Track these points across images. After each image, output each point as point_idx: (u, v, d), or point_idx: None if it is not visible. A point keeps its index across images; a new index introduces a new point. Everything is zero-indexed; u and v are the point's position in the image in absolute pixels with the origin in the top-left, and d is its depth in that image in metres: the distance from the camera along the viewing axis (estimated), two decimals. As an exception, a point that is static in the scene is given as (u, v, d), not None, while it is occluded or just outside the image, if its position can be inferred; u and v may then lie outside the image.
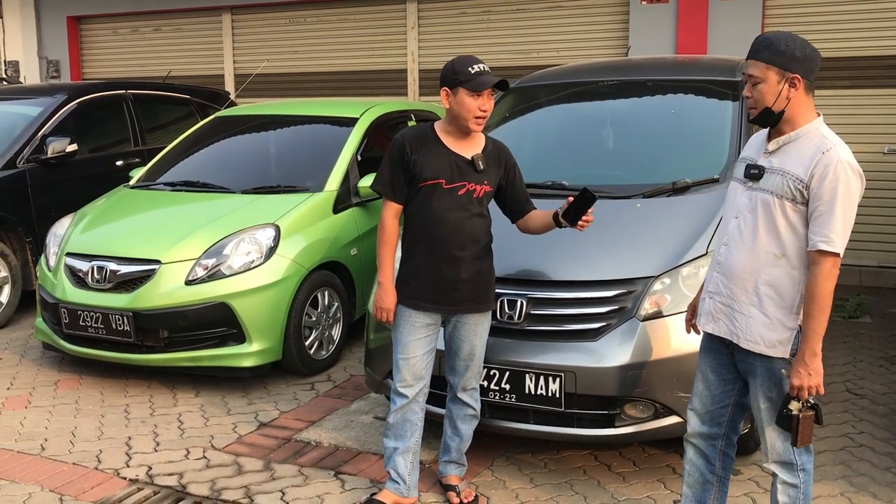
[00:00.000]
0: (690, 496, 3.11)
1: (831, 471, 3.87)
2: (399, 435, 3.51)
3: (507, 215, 3.64)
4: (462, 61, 3.34)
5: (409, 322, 3.42)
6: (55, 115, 7.01)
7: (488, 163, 3.43)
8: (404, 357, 3.43)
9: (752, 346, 2.78)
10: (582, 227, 3.36)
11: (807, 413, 2.63)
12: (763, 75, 2.71)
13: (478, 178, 3.41)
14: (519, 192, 3.58)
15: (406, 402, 3.45)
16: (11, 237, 6.58)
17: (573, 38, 8.93)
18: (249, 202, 5.42)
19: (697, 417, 3.03)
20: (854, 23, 7.64)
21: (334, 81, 10.23)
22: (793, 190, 2.67)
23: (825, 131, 2.72)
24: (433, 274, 3.37)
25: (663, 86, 5.09)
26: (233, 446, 4.26)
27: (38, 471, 4.01)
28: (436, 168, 3.36)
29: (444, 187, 3.36)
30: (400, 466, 3.52)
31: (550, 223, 3.46)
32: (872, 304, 6.74)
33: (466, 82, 3.29)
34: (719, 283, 2.87)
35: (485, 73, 3.31)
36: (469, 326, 3.47)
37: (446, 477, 3.69)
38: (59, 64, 11.97)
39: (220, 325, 4.87)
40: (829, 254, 2.61)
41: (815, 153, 2.65)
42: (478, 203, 3.42)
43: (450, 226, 3.35)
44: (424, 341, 3.43)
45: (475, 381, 3.57)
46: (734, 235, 2.83)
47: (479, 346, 3.51)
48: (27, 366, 5.55)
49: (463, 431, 3.62)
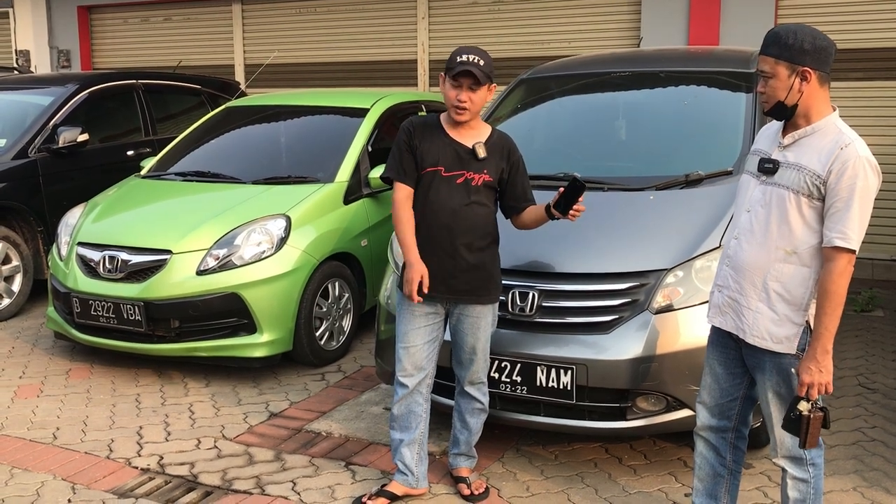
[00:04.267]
0: (701, 490, 3.10)
1: (843, 465, 3.86)
2: (404, 427, 3.51)
3: (503, 210, 3.56)
4: (458, 50, 3.34)
5: (408, 310, 3.42)
6: (66, 105, 7.02)
7: (490, 153, 3.41)
8: (404, 346, 3.44)
9: (758, 341, 2.76)
10: (574, 216, 3.32)
11: (816, 414, 2.61)
12: (773, 70, 2.68)
13: (478, 167, 3.39)
14: (518, 188, 3.51)
15: (407, 392, 3.46)
16: (23, 226, 6.60)
17: (585, 28, 8.89)
18: (260, 193, 5.42)
19: (707, 410, 3.02)
20: (868, 14, 7.57)
21: (344, 72, 10.21)
22: (809, 185, 2.64)
23: (842, 126, 2.69)
24: (431, 261, 3.35)
25: (676, 77, 5.06)
26: (244, 436, 4.27)
27: (50, 459, 4.03)
28: (436, 155, 3.37)
29: (443, 175, 3.37)
30: (406, 458, 3.53)
31: (543, 216, 3.43)
32: (885, 298, 6.70)
33: (449, 70, 3.31)
34: (728, 276, 2.85)
35: (467, 64, 3.27)
36: (471, 319, 3.45)
37: (457, 469, 3.70)
38: (69, 54, 12.00)
39: (230, 316, 4.88)
40: (844, 250, 2.58)
41: (833, 148, 2.62)
42: (476, 192, 3.39)
43: (447, 214, 3.35)
44: (425, 330, 3.43)
45: (482, 375, 3.55)
46: (745, 229, 2.80)
47: (483, 339, 3.48)
48: (39, 355, 5.57)
49: (472, 425, 3.62)
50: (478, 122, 3.47)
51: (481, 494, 3.60)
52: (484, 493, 3.61)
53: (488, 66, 3.31)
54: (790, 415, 2.65)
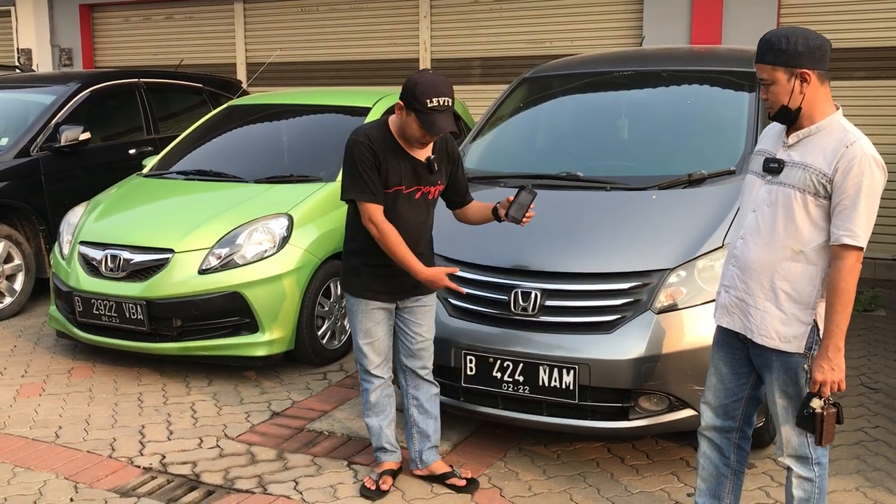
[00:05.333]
0: (705, 489, 3.10)
1: (846, 465, 3.86)
2: (380, 411, 3.69)
3: (448, 205, 3.73)
4: (425, 89, 3.20)
5: (366, 311, 3.55)
6: (68, 104, 7.02)
7: (440, 161, 3.50)
8: (369, 341, 3.57)
9: (766, 341, 2.76)
10: (525, 223, 3.50)
11: (830, 411, 2.62)
12: (772, 77, 2.69)
13: (432, 179, 3.49)
14: (461, 184, 3.66)
15: (382, 383, 3.64)
16: (25, 225, 6.60)
17: (587, 27, 8.88)
18: (262, 192, 5.42)
19: (711, 411, 3.02)
20: (870, 12, 7.55)
21: (346, 70, 10.21)
22: (815, 184, 2.64)
23: (846, 124, 2.69)
24: (387, 271, 3.48)
25: (678, 76, 5.05)
26: (246, 435, 4.27)
27: (52, 458, 4.03)
28: (399, 174, 3.42)
29: (404, 192, 3.44)
30: (391, 437, 3.73)
31: (489, 217, 3.61)
32: (887, 298, 6.69)
33: (419, 113, 3.24)
34: (735, 276, 2.85)
35: (440, 111, 3.22)
36: (426, 308, 3.61)
37: (437, 463, 3.73)
38: (71, 52, 12.00)
39: (233, 315, 4.88)
40: (852, 248, 2.59)
41: (839, 147, 2.63)
42: (429, 204, 3.54)
43: (409, 231, 3.44)
44: (383, 325, 3.60)
45: (430, 360, 3.67)
46: (751, 229, 2.80)
47: (433, 325, 3.66)
48: (41, 354, 5.58)
49: (434, 413, 3.71)
50: None
51: (472, 479, 3.69)
52: (472, 478, 3.70)
53: (452, 100, 3.29)
54: (803, 412, 2.66)
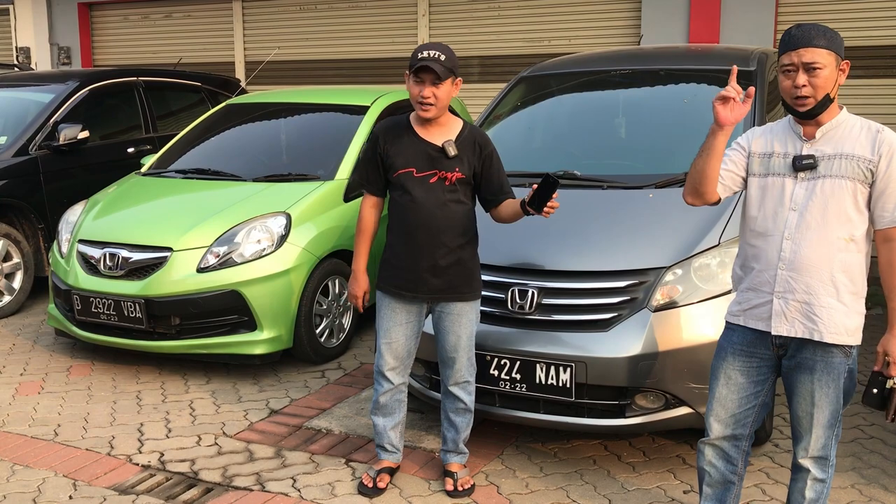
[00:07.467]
0: (711, 495, 3.03)
1: (842, 463, 3.87)
2: (389, 413, 3.65)
3: (481, 203, 3.58)
4: (419, 47, 3.36)
5: (388, 308, 3.50)
6: (67, 102, 7.02)
7: (461, 149, 3.41)
8: (386, 342, 3.51)
9: (836, 337, 2.71)
10: (548, 213, 3.26)
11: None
12: (826, 61, 2.65)
13: (449, 165, 3.40)
14: (493, 181, 3.49)
15: (393, 387, 3.58)
16: (24, 224, 6.61)
17: (585, 26, 8.89)
18: (261, 190, 5.43)
19: (720, 423, 2.91)
20: (869, 11, 7.58)
21: (345, 69, 10.21)
22: (864, 171, 2.66)
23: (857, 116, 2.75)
24: (410, 261, 3.42)
25: (676, 75, 5.06)
26: (244, 433, 4.28)
27: (51, 456, 4.04)
28: (406, 157, 3.40)
29: (416, 176, 3.40)
30: (394, 440, 3.70)
31: (519, 211, 3.40)
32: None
33: (410, 67, 3.33)
34: (788, 280, 2.73)
35: (427, 60, 3.27)
36: (452, 316, 3.47)
37: (448, 464, 3.73)
38: (70, 51, 12.00)
39: (231, 313, 4.89)
40: None
41: (872, 134, 2.68)
42: (452, 190, 3.41)
43: (424, 214, 3.38)
44: (406, 327, 3.50)
45: (466, 375, 3.55)
46: (797, 229, 2.72)
47: (465, 337, 3.49)
48: (40, 352, 5.59)
49: (457, 424, 3.63)
50: (448, 118, 3.46)
51: (465, 490, 3.62)
52: (469, 490, 3.63)
53: (450, 60, 3.31)
54: (871, 391, 2.71)
